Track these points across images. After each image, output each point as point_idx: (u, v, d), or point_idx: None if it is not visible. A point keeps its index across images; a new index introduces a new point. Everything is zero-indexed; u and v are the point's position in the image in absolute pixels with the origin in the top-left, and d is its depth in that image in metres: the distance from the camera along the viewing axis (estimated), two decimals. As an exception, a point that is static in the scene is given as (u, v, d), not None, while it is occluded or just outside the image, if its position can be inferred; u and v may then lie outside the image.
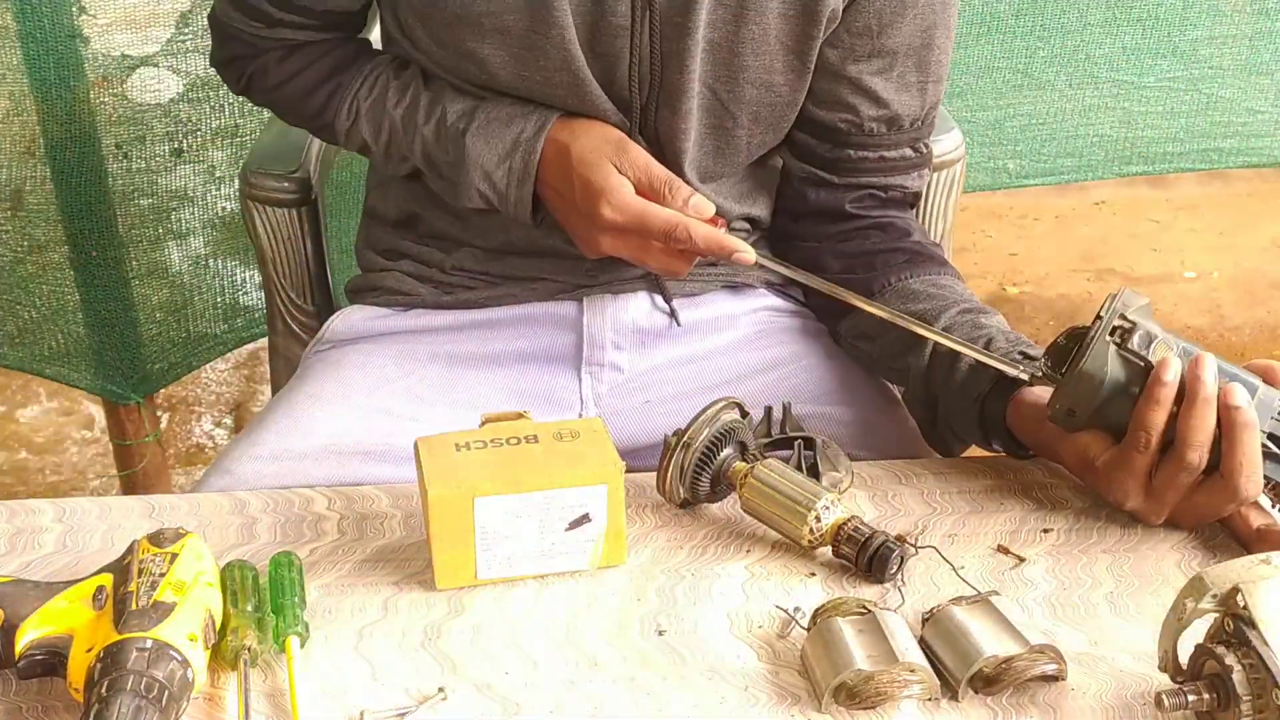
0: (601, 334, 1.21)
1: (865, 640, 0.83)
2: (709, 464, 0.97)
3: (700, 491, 0.98)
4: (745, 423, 1.00)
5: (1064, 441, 0.97)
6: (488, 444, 0.92)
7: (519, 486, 0.89)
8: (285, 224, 1.41)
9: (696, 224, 1.05)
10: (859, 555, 0.92)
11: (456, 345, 1.22)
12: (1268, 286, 2.87)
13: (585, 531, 0.91)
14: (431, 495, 0.89)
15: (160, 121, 1.82)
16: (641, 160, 1.08)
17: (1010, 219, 3.07)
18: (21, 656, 0.82)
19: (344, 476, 1.10)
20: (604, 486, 0.90)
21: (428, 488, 0.89)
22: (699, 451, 0.96)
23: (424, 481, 0.90)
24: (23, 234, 1.85)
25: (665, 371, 1.22)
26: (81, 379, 1.97)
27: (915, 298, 1.11)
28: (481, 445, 0.92)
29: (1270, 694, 0.75)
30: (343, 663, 0.87)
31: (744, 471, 0.97)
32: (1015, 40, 2.00)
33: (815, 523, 0.93)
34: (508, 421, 0.96)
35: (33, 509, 1.01)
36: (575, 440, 0.93)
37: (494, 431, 0.94)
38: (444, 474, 0.90)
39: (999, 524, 0.99)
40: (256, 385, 2.64)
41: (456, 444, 0.92)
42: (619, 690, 0.84)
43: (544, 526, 0.91)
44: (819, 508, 0.93)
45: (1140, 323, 0.92)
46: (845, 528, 0.92)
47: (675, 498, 0.98)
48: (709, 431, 0.97)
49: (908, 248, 1.16)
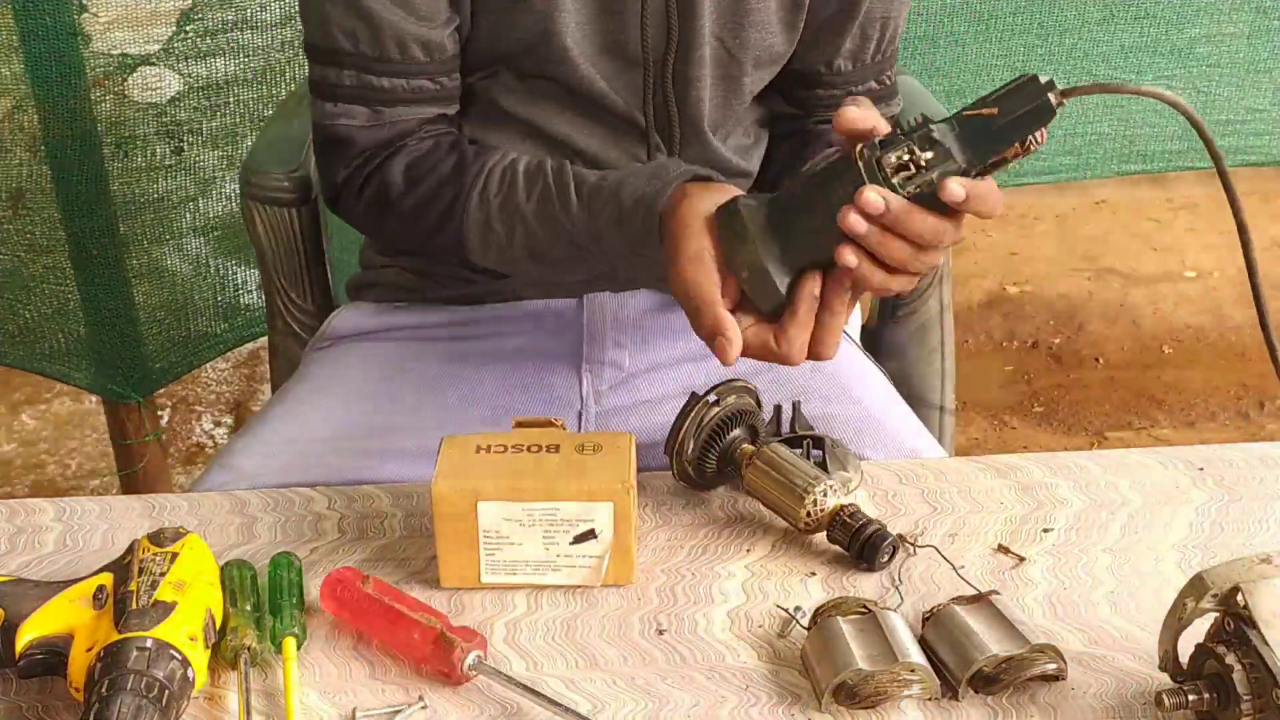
0: (602, 331, 1.21)
1: (865, 639, 0.83)
2: (719, 440, 0.98)
3: (706, 470, 0.99)
4: (759, 410, 1.01)
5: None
6: (508, 449, 0.92)
7: (521, 494, 0.89)
8: (285, 223, 1.41)
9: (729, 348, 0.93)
10: (851, 541, 0.93)
11: (457, 342, 1.22)
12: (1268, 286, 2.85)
13: (591, 547, 0.91)
14: (435, 491, 0.89)
15: (160, 121, 1.82)
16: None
17: (1010, 218, 3.06)
18: (22, 656, 0.82)
19: (345, 473, 1.10)
20: (610, 504, 0.90)
21: (433, 482, 0.89)
22: (717, 420, 0.98)
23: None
24: (23, 234, 1.85)
25: (666, 370, 1.22)
26: (82, 378, 1.97)
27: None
28: (502, 449, 0.92)
29: (1270, 693, 0.75)
30: (343, 662, 0.87)
31: (751, 453, 0.98)
32: (1014, 39, 2.00)
33: (814, 506, 0.94)
34: (538, 428, 0.95)
35: (33, 508, 1.01)
36: (595, 454, 0.92)
37: (520, 437, 0.94)
38: (453, 472, 0.90)
39: (999, 524, 0.99)
40: (257, 384, 2.64)
41: (479, 445, 0.92)
42: (619, 689, 0.84)
43: (549, 538, 0.90)
44: (817, 492, 0.94)
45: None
46: (842, 513, 0.93)
47: (689, 455, 0.99)
48: (732, 400, 0.99)
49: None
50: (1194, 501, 1.00)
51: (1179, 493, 1.01)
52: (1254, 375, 2.58)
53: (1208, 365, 2.63)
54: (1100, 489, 1.01)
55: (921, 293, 1.45)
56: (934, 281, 1.45)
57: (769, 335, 0.92)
